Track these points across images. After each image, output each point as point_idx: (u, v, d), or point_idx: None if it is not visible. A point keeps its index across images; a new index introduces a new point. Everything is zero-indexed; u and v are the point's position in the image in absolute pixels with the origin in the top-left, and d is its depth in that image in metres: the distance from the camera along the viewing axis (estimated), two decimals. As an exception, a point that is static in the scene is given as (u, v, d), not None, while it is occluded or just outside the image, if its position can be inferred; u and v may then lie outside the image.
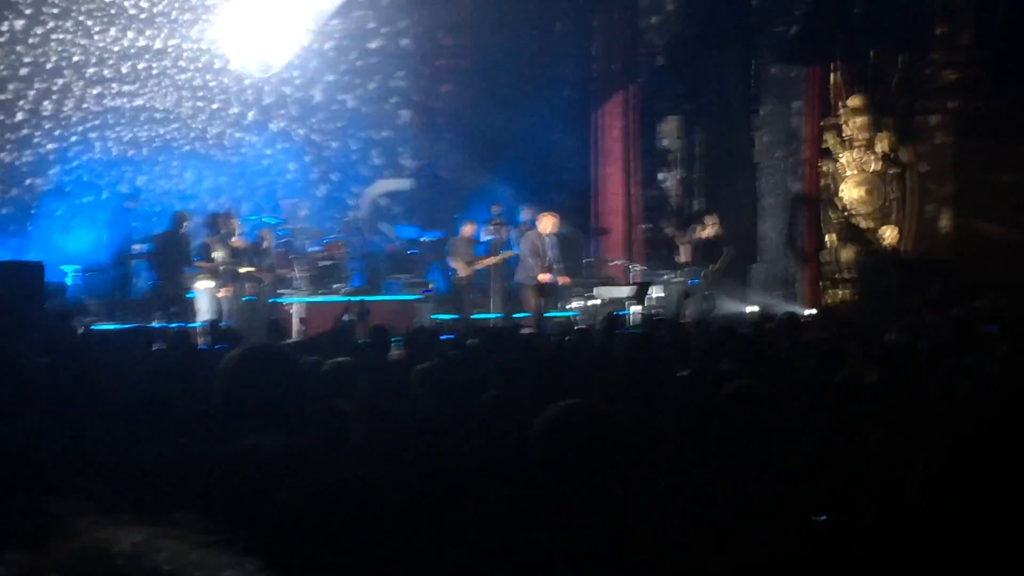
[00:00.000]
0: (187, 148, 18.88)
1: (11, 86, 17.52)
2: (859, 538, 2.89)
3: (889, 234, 17.61)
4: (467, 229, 16.75)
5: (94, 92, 18.01)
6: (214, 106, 18.98)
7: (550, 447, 2.98)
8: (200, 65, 18.73)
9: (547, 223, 15.44)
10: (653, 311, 16.21)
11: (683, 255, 17.77)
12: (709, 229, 17.54)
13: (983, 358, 6.32)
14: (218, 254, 14.52)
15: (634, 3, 20.39)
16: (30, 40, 17.55)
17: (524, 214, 18.60)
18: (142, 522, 1.31)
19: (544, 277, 15.14)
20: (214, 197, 18.83)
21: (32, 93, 17.60)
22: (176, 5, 18.46)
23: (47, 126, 17.80)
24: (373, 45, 19.86)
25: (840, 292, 17.85)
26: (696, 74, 20.42)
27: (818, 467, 3.49)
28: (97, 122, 18.13)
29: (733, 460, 3.78)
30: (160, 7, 18.36)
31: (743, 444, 3.90)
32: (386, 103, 20.15)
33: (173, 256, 14.05)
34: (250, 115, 19.34)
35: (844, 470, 3.42)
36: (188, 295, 14.42)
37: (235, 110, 19.17)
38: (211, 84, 18.86)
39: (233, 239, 15.07)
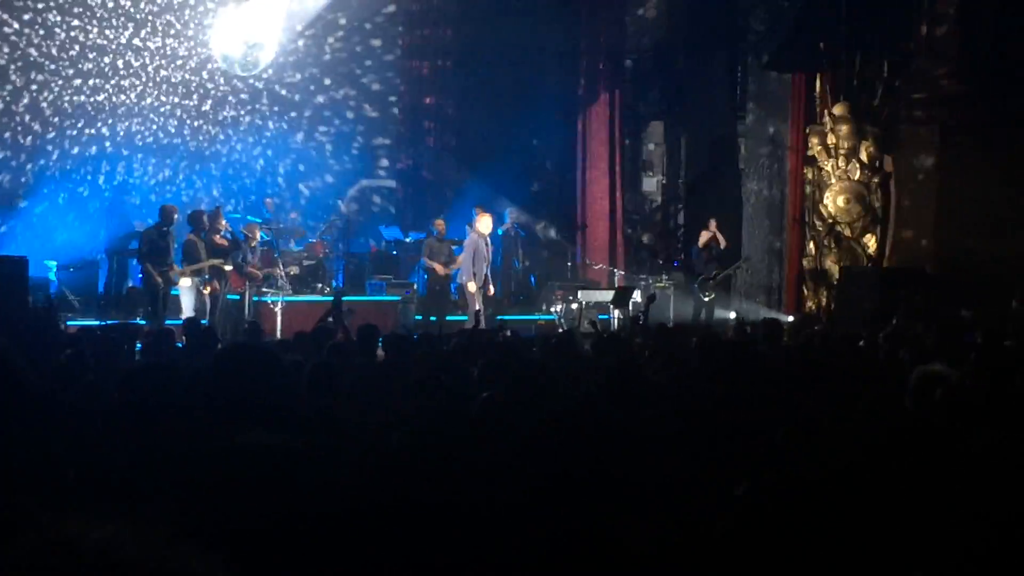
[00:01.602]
0: (169, 143, 18.82)
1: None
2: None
3: (871, 243, 17.66)
4: (439, 224, 16.62)
5: (76, 86, 17.94)
6: (195, 103, 18.92)
7: (540, 448, 2.99)
8: (183, 62, 18.68)
9: (487, 223, 15.48)
10: (636, 315, 16.23)
11: (701, 257, 17.68)
12: (705, 234, 17.66)
13: (957, 366, 6.33)
14: (203, 251, 14.45)
15: (621, 7, 20.44)
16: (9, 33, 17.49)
17: (509, 216, 18.59)
18: (110, 516, 1.30)
19: (472, 286, 15.13)
20: (202, 194, 18.78)
21: (9, 87, 17.51)
22: (163, 2, 18.42)
23: (27, 119, 17.69)
24: (359, 48, 19.83)
25: (822, 300, 17.89)
26: (681, 80, 20.46)
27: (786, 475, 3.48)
28: (80, 118, 18.04)
29: (710, 462, 3.78)
30: (147, 4, 18.32)
31: (720, 445, 3.90)
32: (372, 104, 20.12)
33: (160, 252, 13.97)
34: (232, 112, 19.28)
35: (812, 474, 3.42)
36: (173, 292, 14.36)
37: (216, 107, 19.11)
38: (194, 81, 18.80)
39: (218, 236, 15.01)
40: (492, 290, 15.83)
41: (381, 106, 20.27)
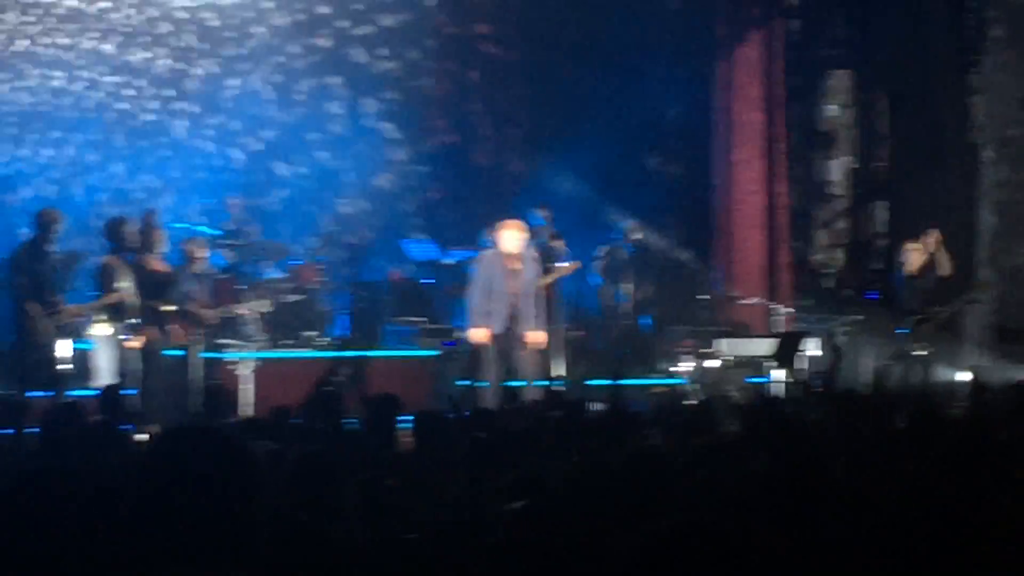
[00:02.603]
0: (76, 109, 19.13)
1: None
2: None
3: None
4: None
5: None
6: (115, 46, 19.24)
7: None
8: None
9: (512, 239, 15.10)
10: (809, 378, 16.12)
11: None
12: (918, 253, 17.38)
13: None
14: (125, 283, 14.56)
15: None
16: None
17: (629, 231, 18.65)
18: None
19: (479, 334, 14.72)
20: (130, 188, 19.06)
21: None
22: None
23: None
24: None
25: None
26: (880, 5, 20.36)
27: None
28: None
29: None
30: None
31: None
32: (391, 46, 20.25)
33: (41, 281, 14.04)
34: (172, 62, 19.55)
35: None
36: (78, 345, 14.46)
37: (151, 54, 19.42)
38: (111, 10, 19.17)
39: (151, 258, 15.13)
40: (530, 337, 15.37)
41: (404, 50, 20.41)
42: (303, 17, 19.88)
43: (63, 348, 14.06)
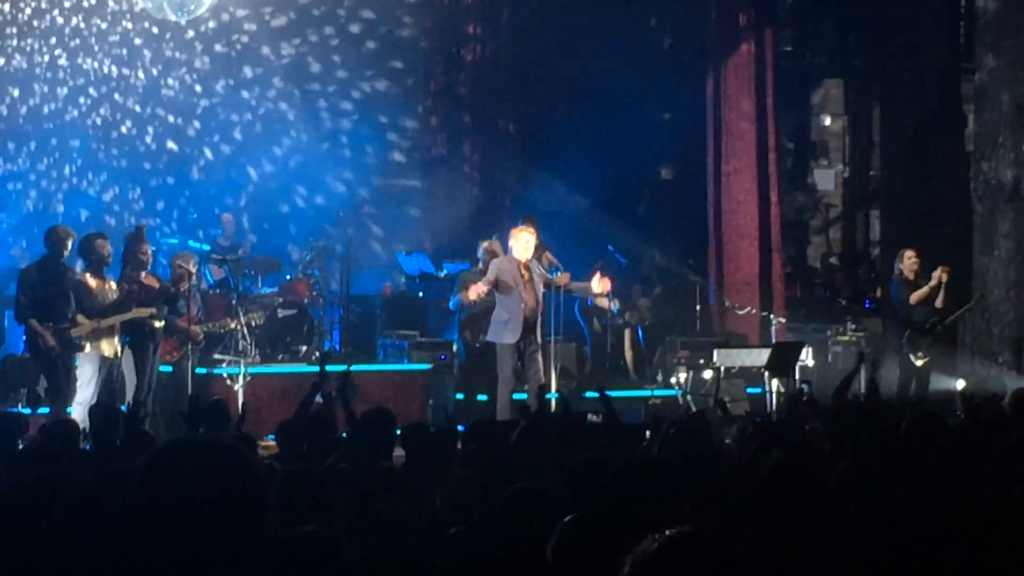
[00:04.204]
0: (67, 124, 19.14)
1: None
2: None
3: None
4: (491, 247, 16.32)
5: None
6: (105, 59, 19.23)
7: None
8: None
9: (525, 242, 15.10)
10: (806, 389, 16.10)
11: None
12: (911, 262, 17.36)
13: None
14: (106, 297, 14.53)
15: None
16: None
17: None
18: None
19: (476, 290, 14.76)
20: (118, 205, 19.04)
21: None
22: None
23: None
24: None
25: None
26: (871, 12, 20.37)
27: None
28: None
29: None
30: None
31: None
32: (382, 54, 20.27)
33: (51, 299, 14.05)
34: (162, 74, 19.55)
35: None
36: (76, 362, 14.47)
37: (138, 62, 19.41)
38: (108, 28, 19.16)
39: (145, 273, 15.12)
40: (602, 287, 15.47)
41: (396, 58, 20.42)
42: (296, 32, 19.89)
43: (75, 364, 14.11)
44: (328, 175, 20.19)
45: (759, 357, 16.72)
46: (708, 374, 17.01)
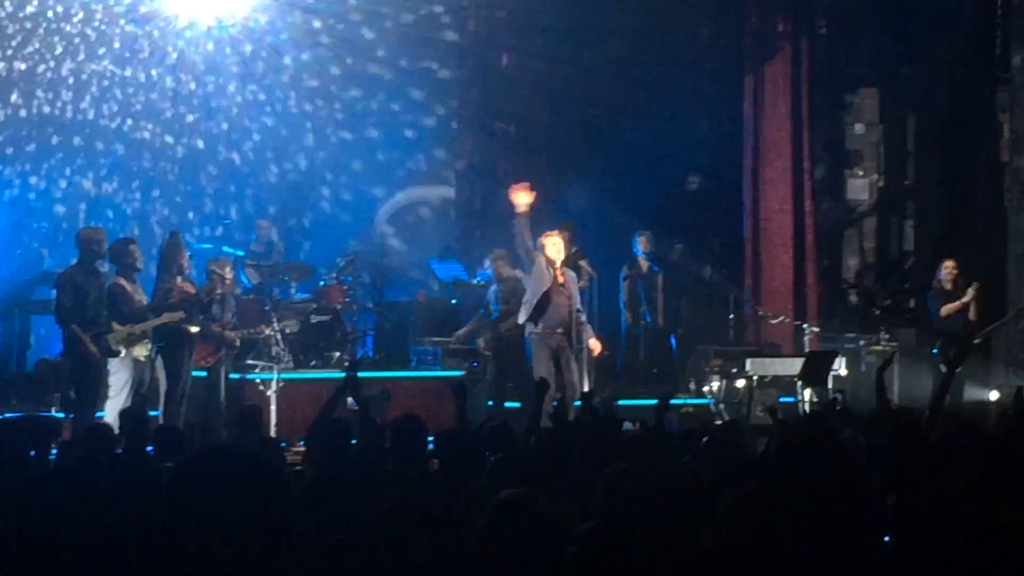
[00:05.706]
0: (97, 132, 19.22)
1: None
2: None
3: None
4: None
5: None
6: (135, 66, 19.32)
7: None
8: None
9: (556, 245, 15.11)
10: (838, 398, 16.04)
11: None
12: (950, 272, 17.26)
13: None
14: (138, 302, 14.54)
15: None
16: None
17: (640, 243, 18.57)
18: None
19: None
20: (149, 209, 19.12)
21: None
22: None
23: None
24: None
25: None
26: (907, 24, 20.31)
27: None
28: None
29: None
30: None
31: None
32: (423, 64, 20.29)
33: (89, 304, 14.08)
34: (195, 81, 19.62)
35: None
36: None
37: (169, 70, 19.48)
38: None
39: (181, 279, 15.15)
40: (598, 348, 15.51)
41: (430, 71, 20.45)
42: (335, 40, 19.90)
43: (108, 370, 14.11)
44: (362, 182, 20.22)
45: (792, 366, 16.66)
46: (741, 383, 16.99)
